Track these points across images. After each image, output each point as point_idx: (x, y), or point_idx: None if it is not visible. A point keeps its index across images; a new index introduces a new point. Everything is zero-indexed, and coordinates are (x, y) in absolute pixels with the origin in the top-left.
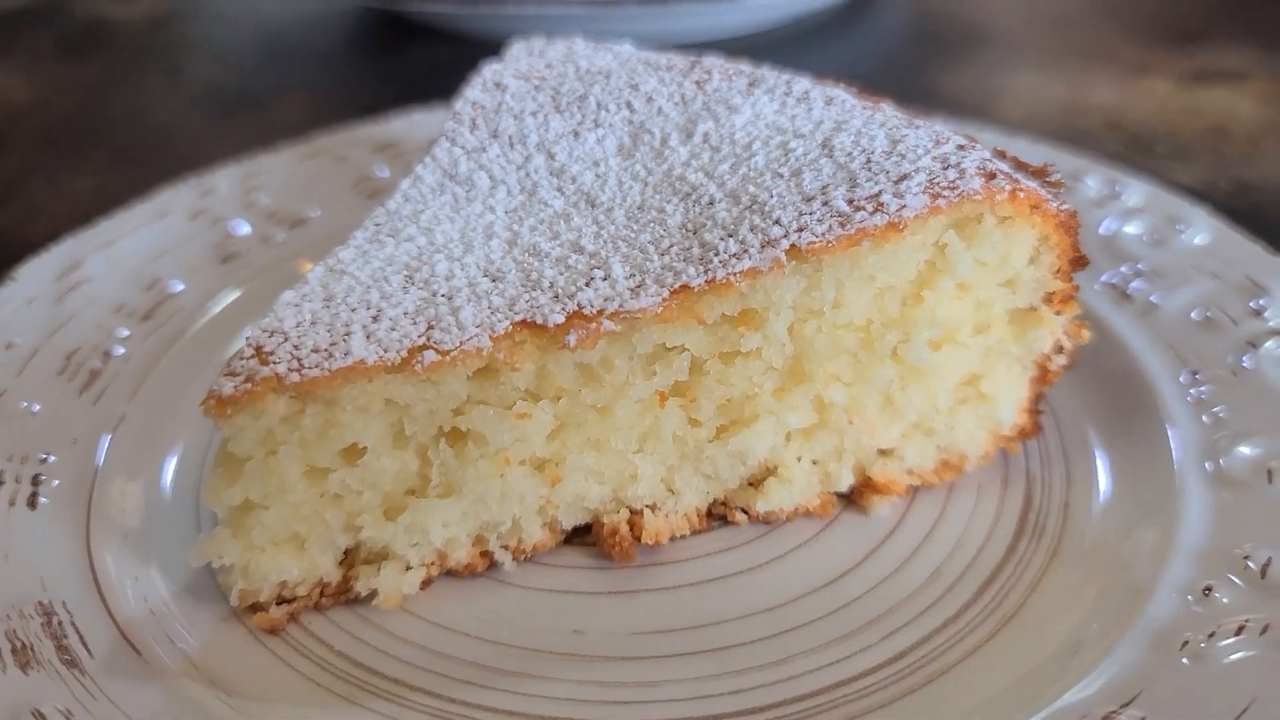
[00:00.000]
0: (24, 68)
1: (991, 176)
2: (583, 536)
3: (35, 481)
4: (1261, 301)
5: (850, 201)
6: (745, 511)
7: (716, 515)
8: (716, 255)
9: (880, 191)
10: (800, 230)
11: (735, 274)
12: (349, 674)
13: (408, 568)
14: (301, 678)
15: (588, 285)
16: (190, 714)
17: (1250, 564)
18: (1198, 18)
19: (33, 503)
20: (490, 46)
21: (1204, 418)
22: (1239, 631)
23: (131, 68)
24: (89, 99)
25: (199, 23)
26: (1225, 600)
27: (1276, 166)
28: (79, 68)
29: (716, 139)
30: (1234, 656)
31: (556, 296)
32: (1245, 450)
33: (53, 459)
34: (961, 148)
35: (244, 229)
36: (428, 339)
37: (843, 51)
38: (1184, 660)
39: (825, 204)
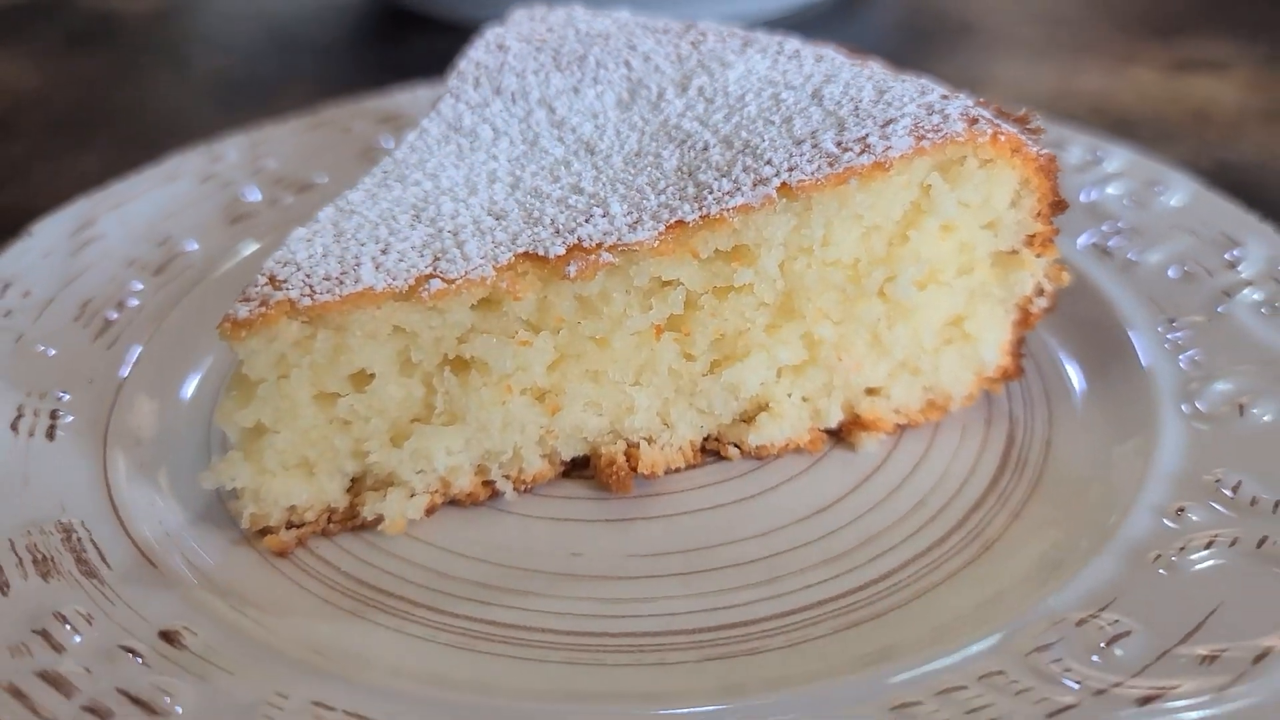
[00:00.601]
0: (31, 57)
1: (974, 121)
2: (581, 471)
3: (53, 416)
4: (1236, 253)
5: (839, 144)
6: (738, 446)
7: (710, 450)
8: (710, 193)
9: (867, 134)
10: (791, 170)
11: (728, 210)
12: (356, 592)
13: (413, 494)
14: (310, 595)
15: (587, 222)
16: (207, 620)
17: (1222, 487)
18: (1182, 12)
19: (51, 434)
20: None
21: (1180, 360)
22: (1209, 545)
23: (137, 59)
24: (95, 88)
25: (204, 16)
26: (1196, 519)
27: (1256, 147)
28: (85, 58)
29: (711, 91)
30: (1202, 565)
31: (557, 232)
32: (1219, 387)
33: (69, 397)
34: (946, 97)
35: (254, 194)
36: (434, 269)
37: (837, 42)
38: (1160, 571)
39: (815, 146)
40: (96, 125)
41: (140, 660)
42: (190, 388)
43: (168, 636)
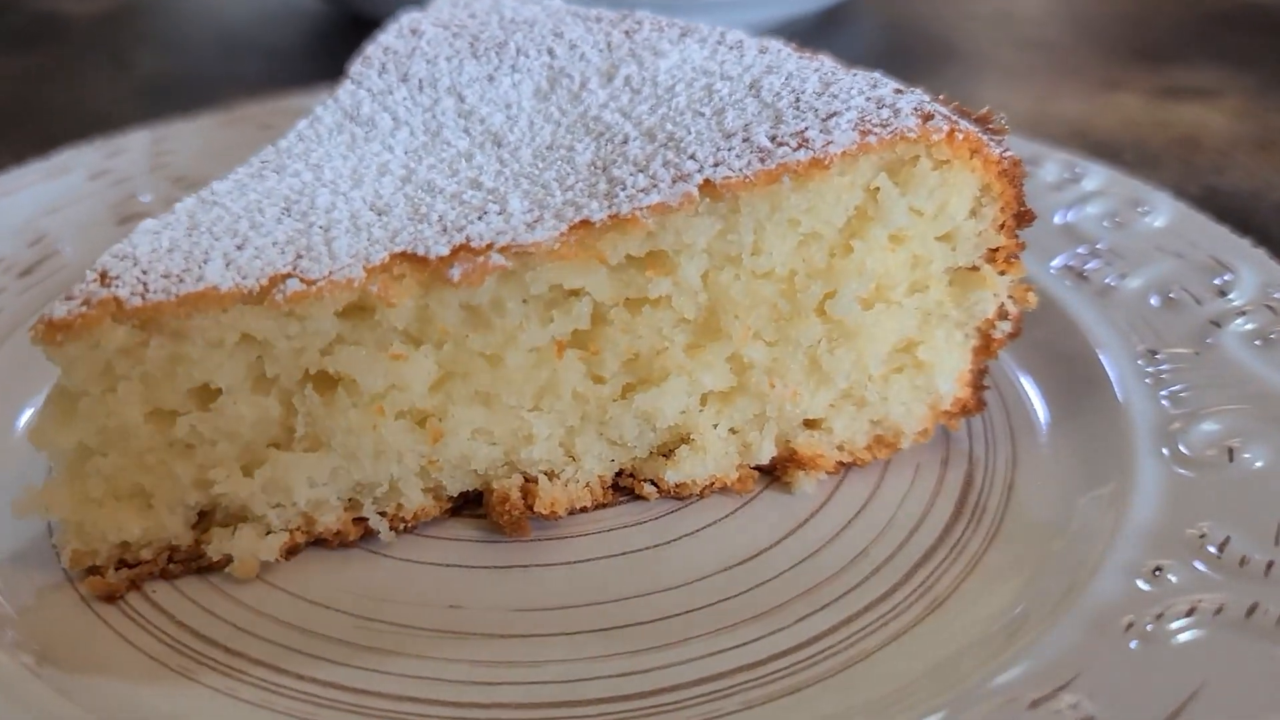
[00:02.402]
0: None
1: (929, 117)
2: (473, 509)
3: None
4: (1227, 278)
5: (773, 138)
6: (655, 484)
7: (623, 488)
8: (623, 190)
9: (806, 128)
10: (716, 165)
11: (642, 209)
12: (188, 647)
13: (268, 532)
14: (132, 649)
15: (480, 219)
16: None
17: (1207, 544)
18: (1169, 40)
19: None
20: None
21: (1162, 397)
22: (1190, 612)
23: (79, 59)
24: (28, 86)
25: (153, 19)
26: (1176, 580)
27: (1246, 175)
28: (23, 56)
29: (638, 81)
30: (1183, 637)
31: (445, 230)
32: (1205, 427)
33: None
34: (899, 91)
35: (148, 195)
36: (294, 268)
37: None
38: (1131, 643)
39: (746, 140)
40: (22, 122)
41: None
42: (35, 406)
43: None
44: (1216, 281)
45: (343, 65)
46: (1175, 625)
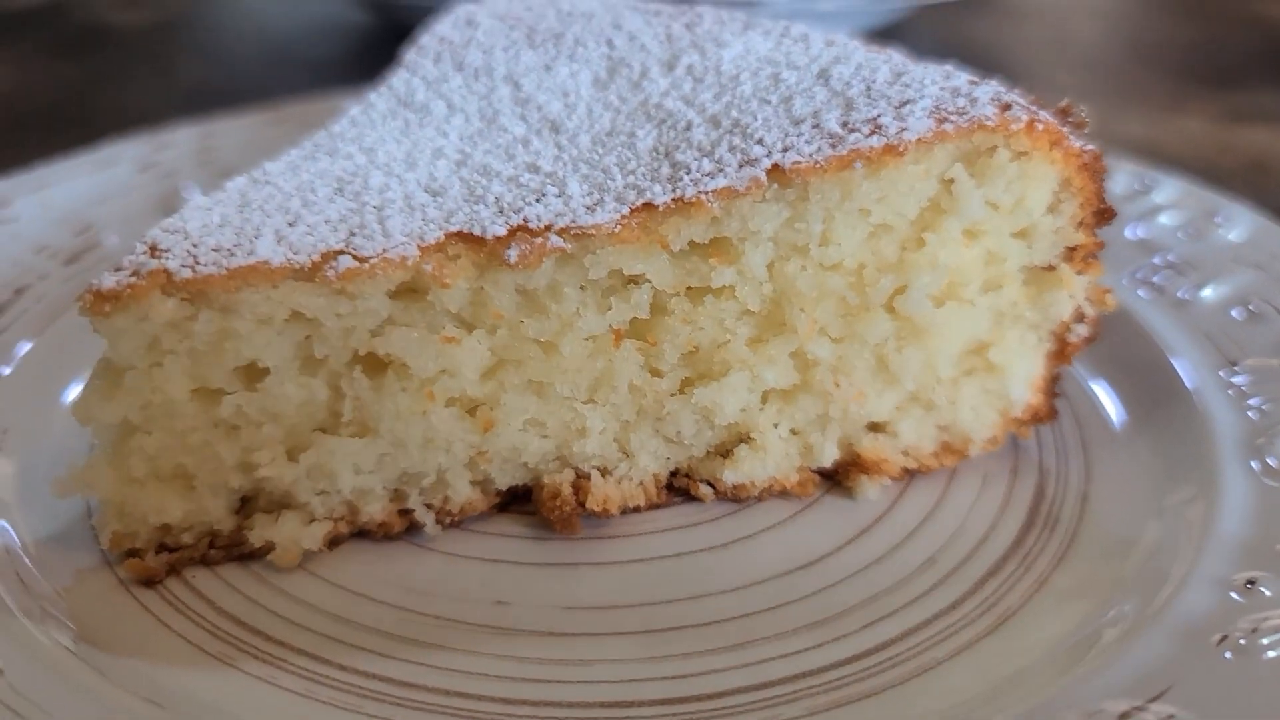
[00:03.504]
0: (14, 61)
1: (1007, 107)
2: (521, 505)
3: None
4: None
5: (845, 124)
6: (711, 485)
7: (678, 488)
8: (688, 174)
9: (879, 114)
10: (785, 150)
11: (707, 193)
12: (228, 633)
13: (312, 520)
14: (171, 634)
15: (538, 201)
16: (22, 656)
17: None
18: (1234, 65)
19: None
20: None
21: (1248, 408)
22: None
23: (123, 68)
24: (74, 92)
25: (198, 30)
26: (1270, 594)
27: None
28: (71, 64)
29: (701, 70)
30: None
31: (501, 211)
32: None
33: None
34: (974, 82)
35: (195, 189)
36: (347, 245)
37: None
38: (1225, 655)
39: (816, 126)
40: (68, 127)
41: None
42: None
43: None
44: None
45: (380, 78)
46: (1271, 640)
